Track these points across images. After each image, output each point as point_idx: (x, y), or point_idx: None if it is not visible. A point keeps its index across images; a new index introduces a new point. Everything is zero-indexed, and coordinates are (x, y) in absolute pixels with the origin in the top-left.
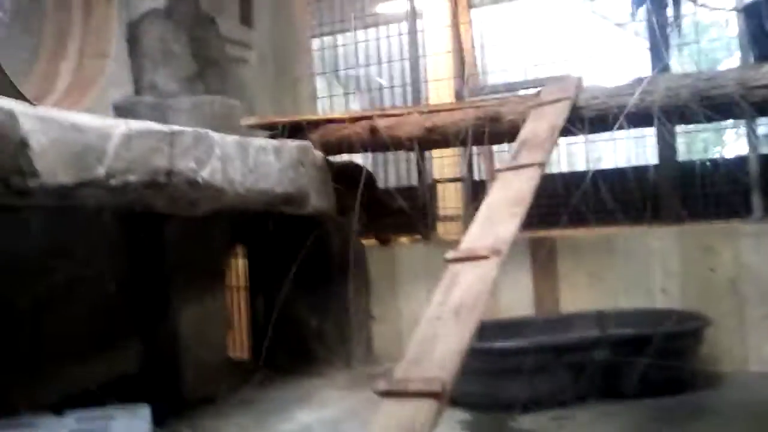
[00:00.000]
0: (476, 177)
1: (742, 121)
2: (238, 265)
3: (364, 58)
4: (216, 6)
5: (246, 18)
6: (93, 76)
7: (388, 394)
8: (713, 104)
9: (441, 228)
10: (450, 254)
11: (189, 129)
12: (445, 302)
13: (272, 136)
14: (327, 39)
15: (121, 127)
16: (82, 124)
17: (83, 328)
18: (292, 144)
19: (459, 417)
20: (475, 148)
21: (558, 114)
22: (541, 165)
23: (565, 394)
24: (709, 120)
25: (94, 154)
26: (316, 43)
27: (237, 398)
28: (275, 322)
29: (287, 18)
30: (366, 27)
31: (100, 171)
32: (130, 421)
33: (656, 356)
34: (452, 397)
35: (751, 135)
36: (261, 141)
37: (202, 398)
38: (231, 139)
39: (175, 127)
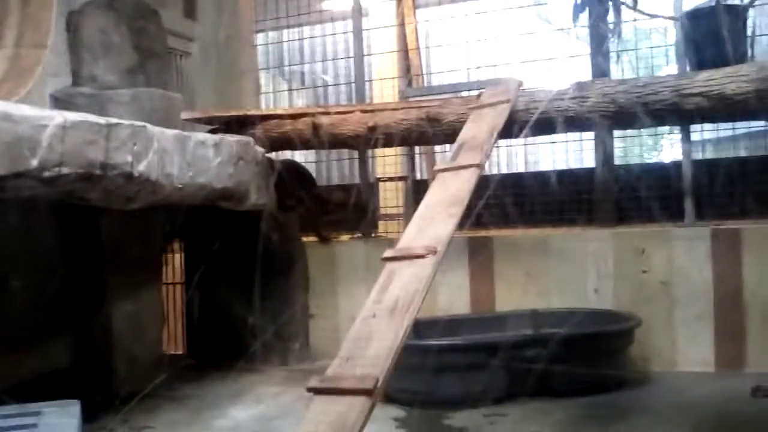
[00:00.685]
0: (418, 176)
1: (678, 127)
2: (175, 260)
3: (309, 55)
4: None
5: (190, 11)
6: (30, 66)
7: (320, 391)
8: (648, 110)
9: (382, 226)
10: (387, 253)
11: (126, 122)
12: (381, 300)
13: (213, 131)
14: (272, 34)
15: (57, 118)
16: (16, 114)
17: (15, 322)
18: (232, 139)
19: (394, 413)
20: (417, 148)
21: (497, 116)
22: (480, 166)
23: (498, 392)
24: (642, 126)
25: (27, 145)
26: (260, 38)
27: (170, 393)
28: (211, 318)
29: (232, 12)
30: (311, 24)
31: (33, 162)
32: (59, 417)
33: (588, 355)
34: (387, 394)
35: (685, 141)
36: (200, 135)
37: (135, 393)
38: (170, 132)
39: (112, 120)
